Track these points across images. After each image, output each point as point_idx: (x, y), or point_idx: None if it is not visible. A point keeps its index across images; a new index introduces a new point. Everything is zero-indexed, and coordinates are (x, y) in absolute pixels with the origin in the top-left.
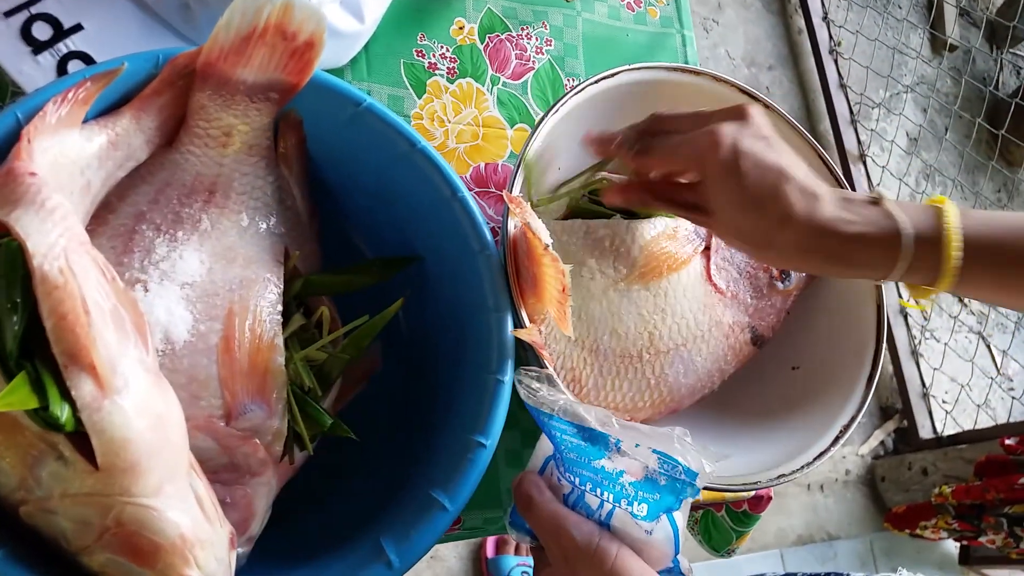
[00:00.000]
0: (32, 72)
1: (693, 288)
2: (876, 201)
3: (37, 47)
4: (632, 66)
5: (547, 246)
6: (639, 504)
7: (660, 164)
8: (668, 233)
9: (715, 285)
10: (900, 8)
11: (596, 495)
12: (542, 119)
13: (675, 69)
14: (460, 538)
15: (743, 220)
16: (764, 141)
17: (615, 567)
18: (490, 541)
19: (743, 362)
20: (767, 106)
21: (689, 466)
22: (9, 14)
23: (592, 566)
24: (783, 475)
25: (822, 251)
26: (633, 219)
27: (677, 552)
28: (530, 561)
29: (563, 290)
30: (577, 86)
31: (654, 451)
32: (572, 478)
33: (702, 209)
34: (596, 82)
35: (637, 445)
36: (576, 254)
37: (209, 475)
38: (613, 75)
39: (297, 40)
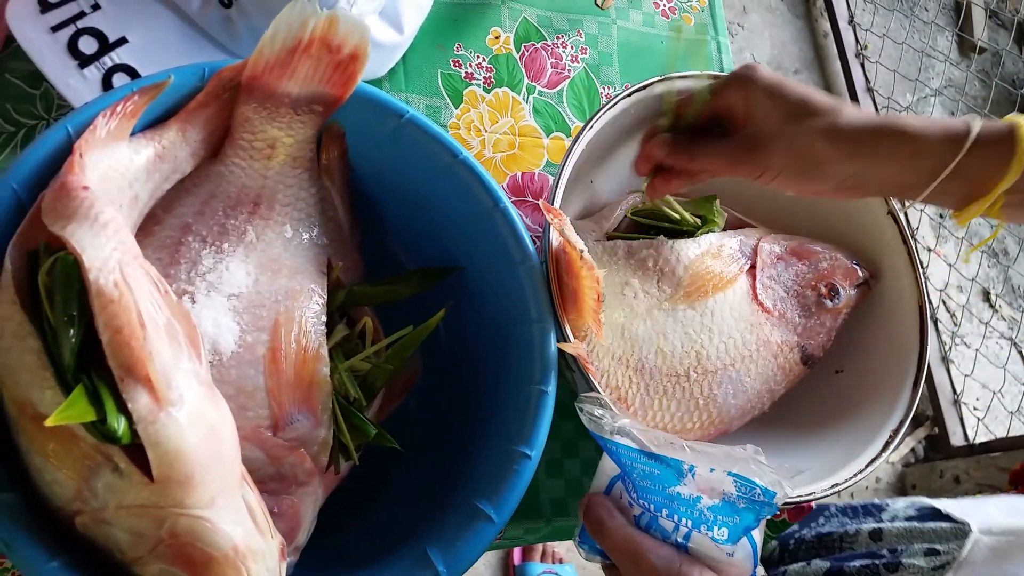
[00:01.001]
0: (78, 86)
1: (740, 307)
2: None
3: (83, 61)
4: (663, 76)
5: (582, 253)
6: (719, 528)
7: (711, 162)
8: (712, 252)
9: (762, 304)
10: (927, 11)
11: (672, 520)
12: (577, 136)
13: (707, 77)
14: (501, 547)
15: (801, 164)
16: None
17: None
18: (516, 548)
19: (793, 382)
20: None
21: (767, 487)
22: (56, 29)
23: None
24: (837, 484)
25: (881, 137)
26: (677, 238)
27: (756, 564)
28: (555, 568)
29: (597, 298)
30: (611, 99)
31: (730, 474)
32: (645, 503)
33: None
34: (629, 95)
35: (712, 470)
36: (618, 273)
37: (257, 485)
38: (646, 87)
39: (342, 53)
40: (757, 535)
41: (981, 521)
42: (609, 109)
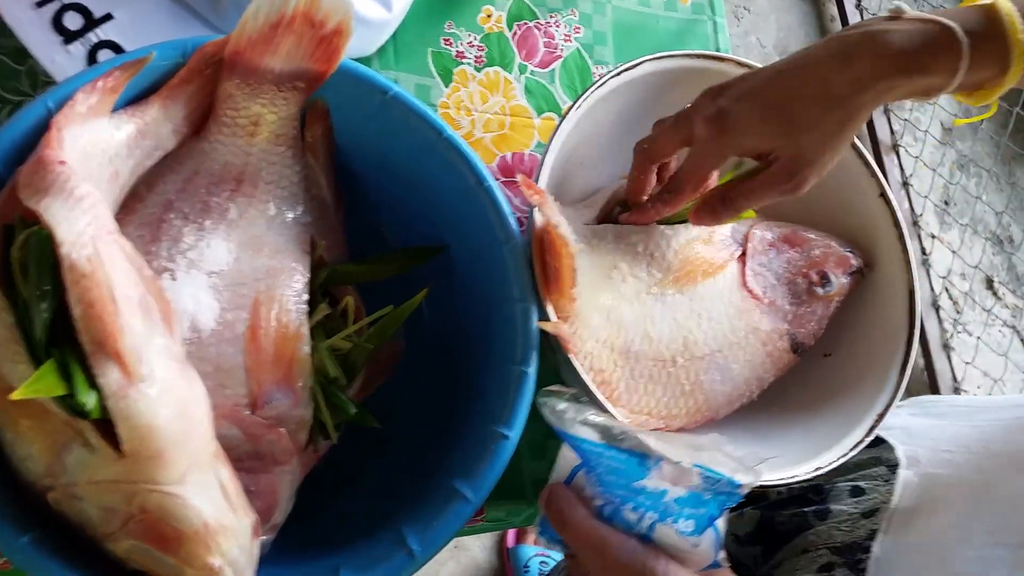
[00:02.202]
0: (63, 62)
1: (729, 294)
2: (898, 14)
3: (68, 37)
4: (654, 56)
5: (558, 227)
6: (685, 520)
7: (664, 144)
8: (703, 238)
9: (751, 291)
10: None
11: (637, 512)
12: (564, 116)
13: (699, 56)
14: (483, 530)
15: (799, 124)
16: (722, 93)
17: None
18: (511, 531)
19: (783, 370)
20: None
21: (732, 477)
22: (40, 4)
23: None
24: (819, 467)
25: (874, 67)
26: (669, 224)
27: (719, 550)
28: (549, 552)
29: (570, 275)
30: (600, 79)
31: (695, 465)
32: (609, 496)
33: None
34: (618, 74)
35: (678, 462)
36: (607, 257)
37: (234, 463)
38: (635, 66)
39: (324, 28)
40: (721, 523)
41: (905, 443)
42: (598, 89)
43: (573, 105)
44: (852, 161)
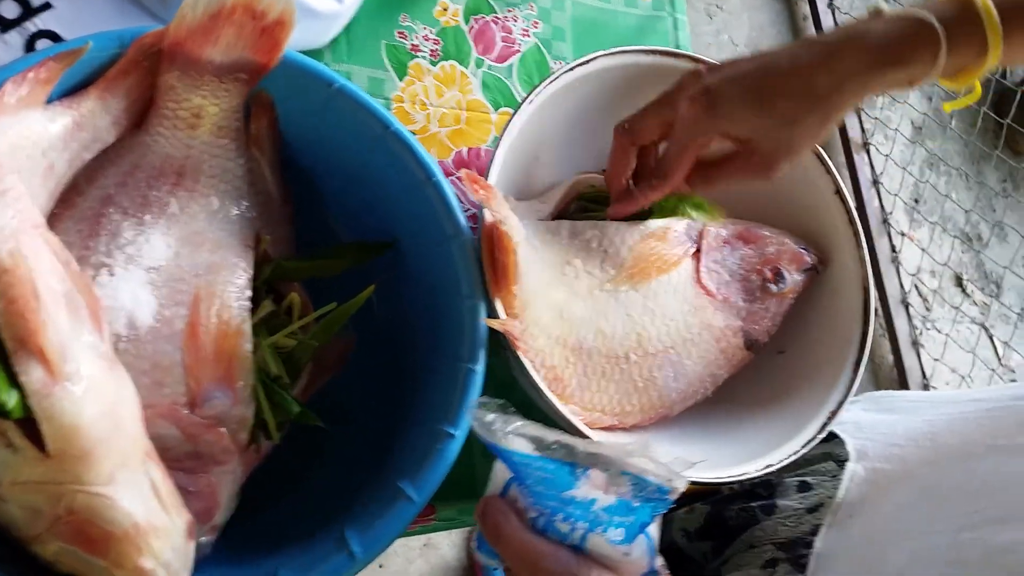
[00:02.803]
0: None
1: (683, 290)
2: (877, 12)
3: (5, 26)
4: (608, 51)
5: (501, 221)
6: (615, 529)
7: (647, 125)
8: (658, 235)
9: (705, 288)
10: None
11: (568, 523)
12: (516, 111)
13: (654, 52)
14: (436, 530)
15: (777, 114)
16: (713, 74)
17: None
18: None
19: (737, 367)
20: None
21: (661, 483)
22: None
23: None
24: (770, 465)
25: (857, 63)
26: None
27: (653, 559)
28: None
29: (512, 267)
30: (552, 74)
31: (623, 473)
32: (540, 507)
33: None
34: (571, 69)
35: (607, 470)
36: (562, 253)
37: (172, 463)
38: (588, 61)
39: (266, 19)
40: (653, 529)
41: (856, 437)
42: (550, 84)
43: (525, 100)
44: (808, 159)
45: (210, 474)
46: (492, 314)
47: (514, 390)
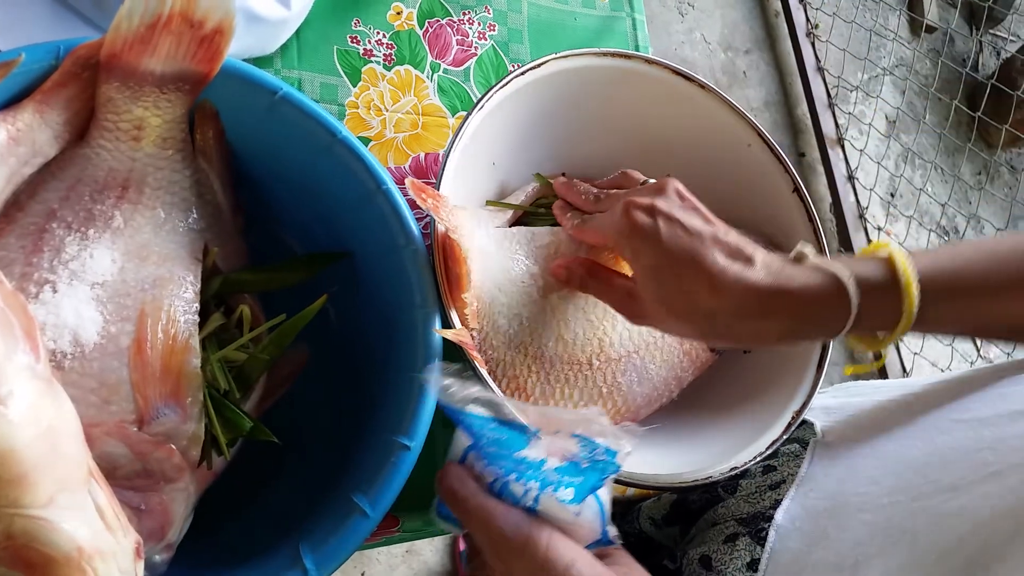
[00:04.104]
0: None
1: None
2: (800, 257)
3: None
4: (560, 54)
5: (448, 230)
6: (565, 488)
7: (593, 238)
8: None
9: None
10: None
11: (521, 483)
12: (467, 117)
13: (605, 54)
14: (400, 541)
15: (667, 289)
16: (685, 206)
17: (548, 554)
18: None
19: (702, 369)
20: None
21: (608, 446)
22: None
23: (524, 556)
24: (735, 467)
25: (761, 313)
26: None
27: (605, 524)
28: None
29: (461, 273)
30: (502, 79)
31: (573, 435)
32: (495, 469)
33: (633, 294)
34: (522, 73)
35: (557, 432)
36: (520, 260)
37: (122, 482)
38: (540, 65)
39: (204, 28)
40: (604, 495)
41: (823, 420)
42: (502, 88)
43: (476, 105)
44: (766, 160)
45: (161, 492)
46: (446, 325)
47: None
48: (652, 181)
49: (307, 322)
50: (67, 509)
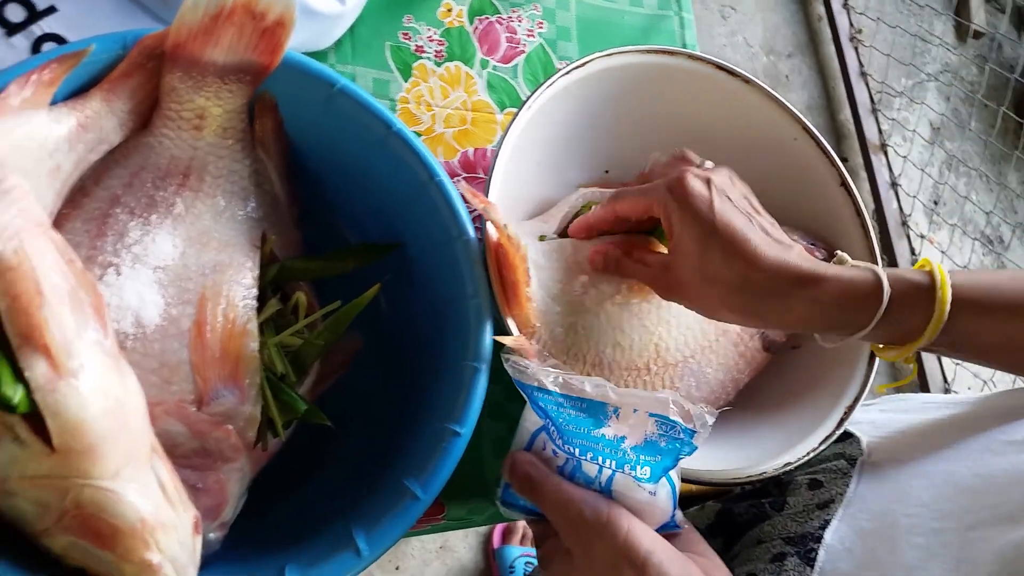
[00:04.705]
0: (5, 55)
1: None
2: (840, 261)
3: (10, 29)
4: (604, 52)
5: (506, 227)
6: (642, 468)
7: (633, 205)
8: (664, 243)
9: None
10: None
11: (596, 463)
12: (515, 116)
13: (649, 51)
14: (445, 529)
15: (708, 256)
16: (738, 190)
17: (628, 539)
18: (496, 531)
19: (757, 369)
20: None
21: (687, 425)
22: None
23: (604, 539)
24: (789, 463)
25: (791, 291)
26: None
27: (675, 507)
28: (534, 551)
29: (524, 272)
30: (549, 79)
31: (651, 414)
32: (570, 448)
33: (668, 267)
34: (567, 73)
35: (635, 411)
36: (569, 270)
37: (180, 460)
38: (584, 64)
39: (266, 20)
40: (675, 476)
41: (871, 436)
42: (548, 88)
43: (523, 105)
44: (812, 153)
45: (218, 471)
46: (502, 332)
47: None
48: (709, 164)
49: (360, 310)
50: (132, 482)
